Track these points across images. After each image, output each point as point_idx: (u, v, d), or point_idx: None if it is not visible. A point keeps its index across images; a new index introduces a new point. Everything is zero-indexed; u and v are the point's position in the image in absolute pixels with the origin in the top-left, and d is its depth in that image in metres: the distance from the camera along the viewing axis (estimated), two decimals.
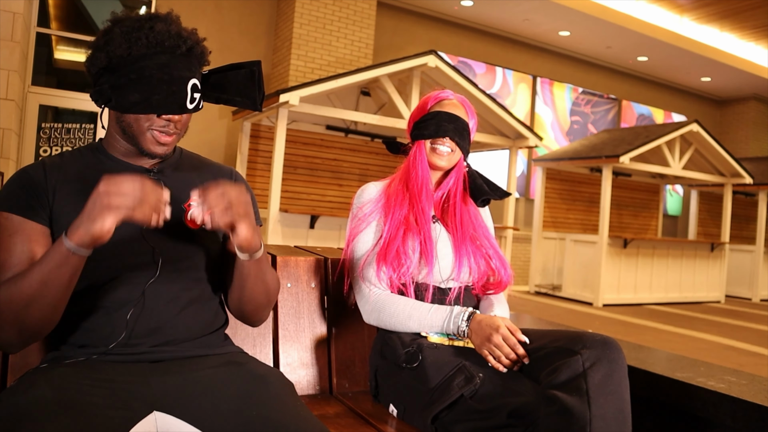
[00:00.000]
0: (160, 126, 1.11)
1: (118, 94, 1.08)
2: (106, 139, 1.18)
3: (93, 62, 1.10)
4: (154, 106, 1.08)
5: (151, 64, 1.07)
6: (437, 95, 1.58)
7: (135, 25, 1.08)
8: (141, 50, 1.07)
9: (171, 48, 1.09)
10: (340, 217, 6.12)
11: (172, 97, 1.09)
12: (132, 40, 1.07)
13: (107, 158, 1.16)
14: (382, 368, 1.46)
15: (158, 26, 1.09)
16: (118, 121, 1.13)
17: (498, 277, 1.55)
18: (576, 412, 1.09)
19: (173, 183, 1.16)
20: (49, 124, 5.98)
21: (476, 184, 1.58)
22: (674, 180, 9.94)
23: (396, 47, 8.57)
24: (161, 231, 1.09)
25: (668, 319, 7.05)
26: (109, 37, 1.08)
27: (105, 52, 1.08)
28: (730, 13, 9.28)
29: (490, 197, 1.58)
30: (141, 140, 1.12)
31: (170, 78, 1.08)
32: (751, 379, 1.51)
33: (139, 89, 1.07)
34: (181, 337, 1.13)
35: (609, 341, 1.20)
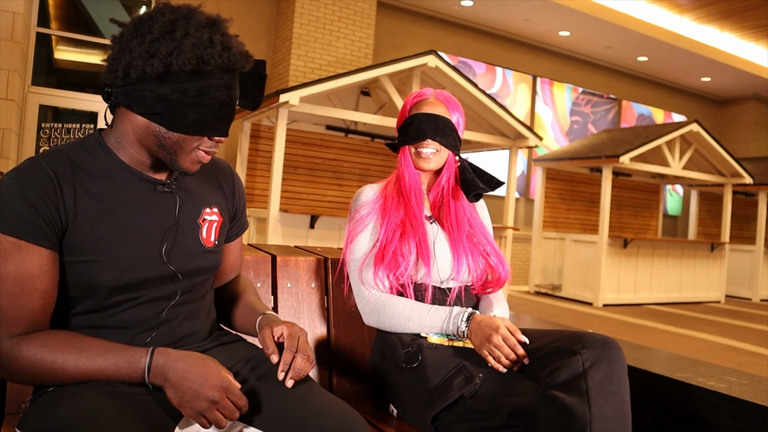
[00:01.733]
0: (208, 147, 1.03)
1: (172, 110, 0.97)
2: (116, 141, 1.04)
3: (138, 66, 0.95)
4: (210, 130, 1.00)
5: (215, 83, 0.98)
6: (415, 96, 1.58)
7: (204, 36, 0.96)
8: (209, 69, 0.97)
9: (238, 69, 1.01)
10: (340, 217, 6.12)
11: (228, 119, 1.02)
12: (203, 59, 0.95)
13: (118, 166, 1.03)
14: (382, 368, 1.46)
15: (228, 41, 0.98)
16: (156, 135, 1.00)
17: (496, 274, 1.55)
18: (576, 412, 1.09)
19: (186, 195, 1.12)
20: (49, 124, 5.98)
21: (468, 178, 1.56)
22: (674, 180, 9.94)
23: (396, 47, 8.57)
24: (180, 250, 1.08)
25: (668, 319, 7.05)
26: (173, 46, 0.94)
27: (165, 62, 0.94)
28: (730, 13, 9.28)
29: (481, 191, 1.56)
30: (182, 159, 1.02)
31: (231, 100, 1.01)
32: (751, 379, 1.51)
33: (199, 110, 0.97)
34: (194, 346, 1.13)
35: (609, 341, 1.20)
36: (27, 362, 0.93)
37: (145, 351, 0.96)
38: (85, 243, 0.98)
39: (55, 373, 0.94)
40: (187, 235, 1.10)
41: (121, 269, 1.00)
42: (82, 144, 1.04)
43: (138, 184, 1.05)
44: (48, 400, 0.94)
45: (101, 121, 6.18)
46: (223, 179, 1.22)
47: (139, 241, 1.02)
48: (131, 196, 1.03)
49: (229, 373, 0.98)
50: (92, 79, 6.78)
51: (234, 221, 1.25)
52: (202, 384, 0.93)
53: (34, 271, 0.94)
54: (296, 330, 1.08)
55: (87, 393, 0.92)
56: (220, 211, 1.18)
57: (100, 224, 0.99)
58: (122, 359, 0.95)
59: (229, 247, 1.28)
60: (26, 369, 0.94)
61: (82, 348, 0.95)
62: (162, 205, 1.07)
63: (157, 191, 1.07)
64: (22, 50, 5.47)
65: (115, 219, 1.00)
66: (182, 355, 0.97)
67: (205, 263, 1.13)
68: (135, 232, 1.02)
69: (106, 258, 0.99)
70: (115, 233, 1.00)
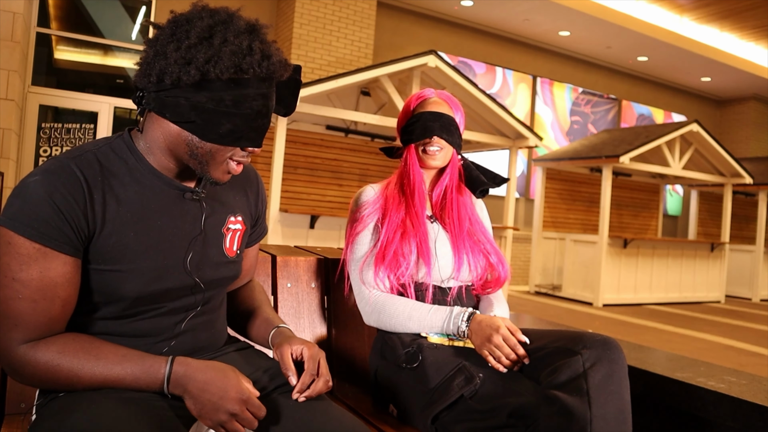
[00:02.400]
0: (240, 157, 0.99)
1: (207, 119, 0.93)
2: (147, 145, 1.00)
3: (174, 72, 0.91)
4: (245, 140, 0.96)
5: (253, 93, 0.94)
6: (418, 96, 1.59)
7: (244, 43, 0.92)
8: (247, 78, 0.93)
9: (275, 78, 0.97)
10: (340, 217, 6.12)
11: (263, 129, 0.98)
12: (242, 67, 0.92)
13: (148, 171, 1.00)
14: (382, 368, 1.46)
15: (268, 49, 0.95)
16: (188, 143, 0.96)
17: (496, 273, 1.55)
18: (576, 412, 1.09)
19: (212, 203, 1.09)
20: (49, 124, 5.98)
21: (472, 175, 1.58)
22: (674, 180, 9.94)
23: (396, 47, 8.57)
24: (204, 261, 1.06)
25: (668, 319, 7.05)
26: (211, 53, 0.90)
27: (201, 70, 0.90)
28: (730, 13, 9.28)
29: (488, 186, 1.57)
30: (213, 169, 0.99)
31: (267, 110, 0.97)
32: (751, 379, 1.51)
33: (234, 120, 0.94)
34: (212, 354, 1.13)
35: (609, 341, 1.20)
36: (42, 368, 0.91)
37: (164, 360, 0.94)
38: (112, 252, 0.95)
39: (70, 380, 0.92)
40: (212, 245, 1.08)
41: (146, 280, 0.98)
42: (111, 145, 1.00)
43: (167, 191, 1.01)
44: (62, 406, 0.91)
45: (101, 122, 6.18)
46: (249, 185, 1.19)
47: (165, 251, 1.00)
48: (160, 203, 1.00)
49: (249, 382, 0.96)
50: (92, 79, 6.78)
51: (255, 227, 1.22)
52: (222, 397, 0.91)
53: (58, 278, 0.91)
54: (315, 352, 1.06)
55: (102, 400, 0.90)
56: (244, 219, 1.15)
57: (127, 233, 0.96)
58: (140, 368, 0.93)
59: (247, 253, 1.26)
60: (41, 374, 0.91)
61: (99, 355, 0.93)
62: (189, 213, 1.04)
63: (185, 199, 1.04)
64: (22, 50, 5.47)
65: (142, 227, 0.98)
66: (202, 365, 0.95)
67: (226, 273, 1.11)
68: (162, 242, 1.00)
69: (132, 268, 0.96)
70: (142, 242, 0.97)
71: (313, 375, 1.03)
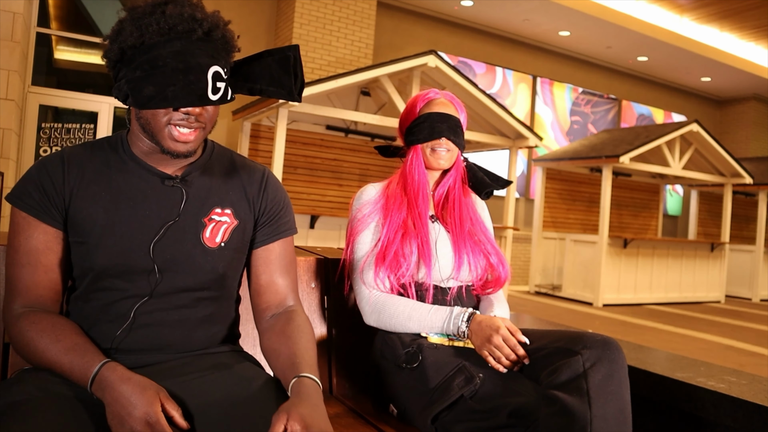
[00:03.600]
0: (178, 120, 1.00)
1: (133, 88, 0.98)
2: (131, 137, 1.09)
3: (108, 56, 1.01)
4: (170, 99, 0.97)
5: (164, 52, 0.97)
6: (424, 96, 1.58)
7: (146, 10, 0.98)
8: (153, 38, 0.97)
9: (185, 33, 0.98)
10: (340, 217, 6.12)
11: (189, 87, 0.97)
12: (143, 28, 0.97)
13: (130, 158, 1.08)
14: (382, 368, 1.45)
15: (170, 9, 0.98)
16: (137, 118, 1.04)
17: (496, 274, 1.55)
18: (576, 413, 1.09)
19: (196, 191, 1.10)
20: (49, 124, 5.98)
21: (477, 177, 1.60)
22: (674, 180, 9.94)
23: (396, 47, 8.57)
24: (175, 245, 1.05)
25: (668, 319, 7.05)
26: (120, 26, 0.99)
27: (117, 43, 0.99)
28: (730, 13, 9.28)
29: (493, 188, 1.59)
30: (160, 138, 1.02)
31: (186, 66, 0.97)
32: (751, 379, 1.51)
33: (154, 81, 0.97)
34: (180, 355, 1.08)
35: (609, 341, 1.20)
36: (17, 335, 1.01)
37: (99, 361, 0.95)
38: (82, 225, 1.04)
39: (30, 353, 1.00)
40: (188, 232, 1.07)
41: (110, 254, 1.03)
42: (110, 139, 1.12)
43: (147, 177, 1.07)
44: (3, 384, 1.00)
45: (101, 122, 6.18)
46: (249, 183, 1.17)
47: (134, 231, 1.04)
48: (138, 187, 1.06)
49: (174, 406, 0.92)
50: (92, 79, 6.78)
51: (260, 225, 1.18)
52: (129, 413, 0.89)
53: (39, 245, 1.03)
54: None
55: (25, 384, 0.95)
56: (235, 213, 1.13)
57: (97, 209, 1.04)
58: (79, 362, 0.95)
59: (260, 256, 1.19)
60: (15, 340, 1.02)
61: (59, 338, 0.98)
62: (168, 199, 1.07)
63: (165, 185, 1.08)
64: (22, 50, 5.47)
65: (114, 207, 1.05)
66: (127, 376, 0.93)
67: (202, 263, 1.08)
68: (133, 222, 1.04)
69: (96, 242, 1.03)
70: (110, 219, 1.04)
71: None
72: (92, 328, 1.05)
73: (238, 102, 7.14)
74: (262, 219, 1.18)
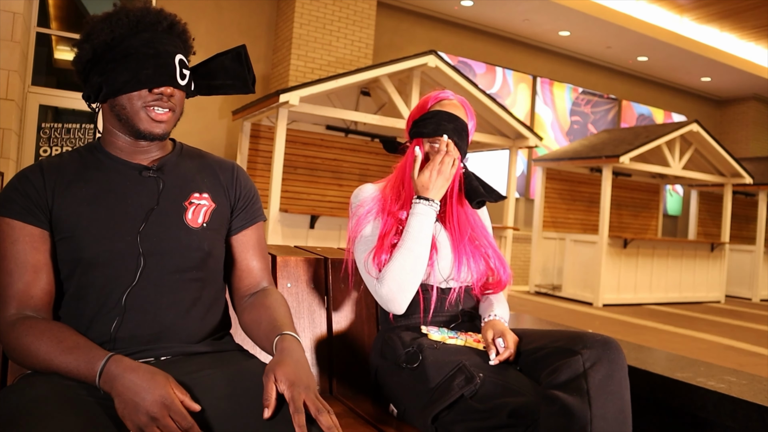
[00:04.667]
0: (152, 101, 1.09)
1: (107, 79, 1.08)
2: (104, 138, 1.17)
3: (80, 59, 1.10)
4: (143, 81, 1.07)
5: (135, 42, 1.08)
6: (438, 95, 1.58)
7: (112, 10, 1.10)
8: (123, 31, 1.07)
9: (152, 24, 1.09)
10: (340, 217, 6.12)
11: (160, 69, 1.08)
12: (113, 23, 1.07)
13: (106, 157, 1.14)
14: (382, 368, 1.45)
15: (133, 7, 1.10)
16: (112, 110, 1.11)
17: (497, 277, 1.55)
18: (577, 412, 1.09)
19: (173, 180, 1.16)
20: (49, 124, 5.98)
21: (472, 185, 1.57)
22: (674, 180, 9.94)
23: (396, 47, 8.57)
24: (160, 228, 1.10)
25: (668, 319, 7.05)
26: (89, 28, 1.09)
27: (89, 43, 1.08)
28: (730, 13, 9.28)
29: (485, 199, 1.56)
30: (136, 121, 1.10)
31: (156, 52, 1.08)
32: (751, 379, 1.51)
33: (128, 68, 1.07)
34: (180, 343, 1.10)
35: (609, 341, 1.20)
36: (13, 341, 1.01)
37: (104, 356, 0.97)
38: (67, 221, 1.07)
39: (31, 358, 1.00)
40: (170, 216, 1.12)
41: (96, 243, 1.06)
42: (87, 146, 1.18)
43: (124, 171, 1.13)
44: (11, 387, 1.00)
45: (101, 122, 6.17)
46: (222, 171, 1.25)
47: (116, 220, 1.08)
48: (117, 182, 1.12)
49: (182, 391, 0.94)
50: None
51: (237, 211, 1.24)
52: (144, 398, 0.91)
53: (26, 246, 1.05)
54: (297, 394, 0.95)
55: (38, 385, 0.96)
56: (212, 197, 1.19)
57: (81, 204, 1.08)
58: (82, 360, 0.97)
59: (240, 241, 1.25)
60: (11, 347, 1.02)
61: (59, 339, 1.00)
62: (147, 189, 1.13)
63: (142, 176, 1.13)
64: (22, 50, 5.47)
65: (96, 200, 1.09)
66: (134, 366, 0.95)
67: (188, 242, 1.12)
68: (117, 213, 1.09)
69: (82, 233, 1.06)
70: (95, 212, 1.08)
71: (300, 413, 0.94)
72: (88, 325, 1.06)
73: (238, 102, 7.14)
74: (238, 205, 1.25)
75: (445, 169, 1.45)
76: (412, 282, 1.41)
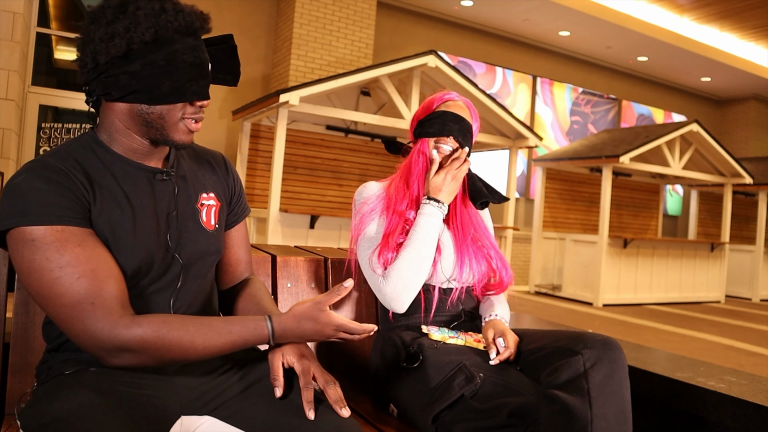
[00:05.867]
0: (192, 113, 1.03)
1: (147, 84, 0.97)
2: (111, 137, 1.04)
3: (106, 51, 0.96)
4: (189, 94, 1.00)
5: (180, 48, 0.98)
6: (443, 96, 1.58)
7: (156, 6, 0.98)
8: (169, 34, 0.97)
9: (197, 29, 1.02)
10: (340, 217, 6.12)
11: (203, 81, 1.02)
12: (159, 24, 0.96)
13: (116, 159, 1.04)
14: (382, 368, 1.45)
15: (180, 6, 1.00)
16: (138, 114, 1.00)
17: (499, 278, 1.55)
18: (577, 412, 1.09)
19: (182, 180, 1.13)
20: (49, 124, 5.98)
21: (476, 186, 1.58)
22: (674, 180, 9.94)
23: (396, 47, 8.57)
24: (183, 236, 1.08)
25: (668, 319, 7.05)
26: (129, 21, 0.95)
27: (125, 38, 0.95)
28: (730, 13, 9.28)
29: (489, 200, 1.57)
30: (171, 132, 1.03)
31: (200, 62, 1.01)
32: (751, 379, 1.51)
33: (172, 77, 0.98)
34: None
35: (609, 341, 1.20)
36: (152, 338, 0.93)
37: (263, 320, 1.02)
38: (105, 230, 0.98)
39: (184, 348, 0.96)
40: (188, 219, 1.10)
41: (136, 255, 1.00)
42: (79, 143, 1.04)
43: (137, 175, 1.05)
44: (45, 394, 0.96)
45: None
46: (216, 164, 1.23)
47: (147, 228, 1.03)
48: (134, 187, 1.04)
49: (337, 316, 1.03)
50: None
51: (232, 206, 1.25)
52: (321, 330, 1.02)
53: (96, 247, 0.95)
54: (307, 365, 1.05)
55: (82, 390, 0.93)
56: (217, 195, 1.19)
57: (114, 210, 1.00)
58: (247, 331, 1.00)
59: (232, 235, 1.26)
60: (150, 346, 0.93)
61: (205, 323, 0.99)
62: (162, 192, 1.08)
63: (155, 180, 1.08)
64: (22, 50, 5.47)
65: (124, 209, 1.01)
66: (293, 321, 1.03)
67: (207, 246, 1.13)
68: (144, 219, 1.03)
69: (122, 245, 0.99)
70: (127, 220, 1.01)
71: (310, 388, 1.02)
72: None
73: (238, 102, 7.14)
74: (233, 200, 1.25)
75: (460, 175, 1.48)
76: (417, 282, 1.41)
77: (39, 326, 1.25)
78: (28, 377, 1.23)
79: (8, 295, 1.27)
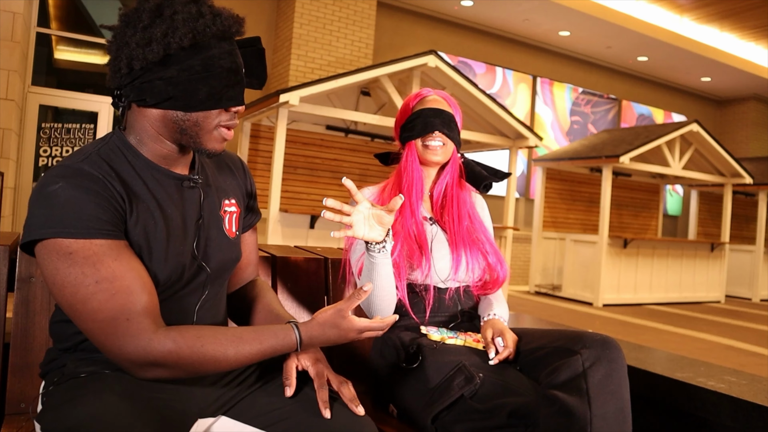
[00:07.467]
0: (228, 120, 1.01)
1: (184, 91, 0.95)
2: (137, 139, 1.02)
3: (139, 56, 0.93)
4: (225, 100, 0.99)
5: (217, 53, 0.97)
6: (417, 95, 1.59)
7: (193, 9, 0.95)
8: (206, 39, 0.96)
9: (233, 34, 1.00)
10: None
11: (239, 87, 1.00)
12: (198, 29, 0.94)
13: (146, 165, 1.02)
14: (381, 368, 1.45)
15: (217, 9, 0.98)
16: (174, 121, 0.98)
17: (495, 274, 1.55)
18: (576, 412, 1.09)
19: (207, 187, 1.11)
20: (49, 124, 5.98)
21: (474, 171, 1.58)
22: (674, 180, 9.94)
23: (396, 47, 8.57)
24: (209, 244, 1.08)
25: (668, 319, 7.05)
26: (167, 25, 0.93)
27: (163, 44, 0.93)
28: (730, 13, 9.28)
29: (492, 181, 1.56)
30: (206, 139, 1.01)
31: (236, 67, 0.99)
32: (751, 379, 1.51)
33: (209, 83, 0.96)
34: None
35: (609, 341, 1.20)
36: (187, 352, 0.93)
37: (290, 329, 1.03)
38: (140, 240, 0.97)
39: (217, 360, 0.96)
40: (213, 228, 1.10)
41: (166, 266, 0.99)
42: (108, 145, 1.01)
43: (166, 182, 1.03)
44: (64, 396, 0.94)
45: (101, 122, 6.18)
46: (235, 167, 1.22)
47: (178, 237, 1.02)
48: (164, 193, 1.02)
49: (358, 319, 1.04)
50: (92, 79, 6.78)
51: (248, 210, 1.24)
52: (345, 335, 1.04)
53: (131, 261, 0.94)
54: (321, 369, 1.08)
55: (105, 394, 0.91)
56: (237, 201, 1.18)
57: (149, 222, 0.98)
58: (276, 341, 1.01)
59: (245, 239, 1.26)
60: (186, 358, 0.93)
61: (237, 335, 0.99)
62: (189, 200, 1.06)
63: (183, 187, 1.06)
64: (22, 50, 5.47)
65: (157, 219, 1.00)
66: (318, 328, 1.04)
67: (230, 254, 1.13)
68: (175, 228, 1.02)
69: (151, 256, 0.98)
70: (160, 229, 0.99)
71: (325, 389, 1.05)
72: None
73: None
74: (249, 203, 1.25)
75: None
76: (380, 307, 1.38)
77: (39, 326, 1.26)
78: (28, 377, 1.23)
79: (8, 295, 1.27)
